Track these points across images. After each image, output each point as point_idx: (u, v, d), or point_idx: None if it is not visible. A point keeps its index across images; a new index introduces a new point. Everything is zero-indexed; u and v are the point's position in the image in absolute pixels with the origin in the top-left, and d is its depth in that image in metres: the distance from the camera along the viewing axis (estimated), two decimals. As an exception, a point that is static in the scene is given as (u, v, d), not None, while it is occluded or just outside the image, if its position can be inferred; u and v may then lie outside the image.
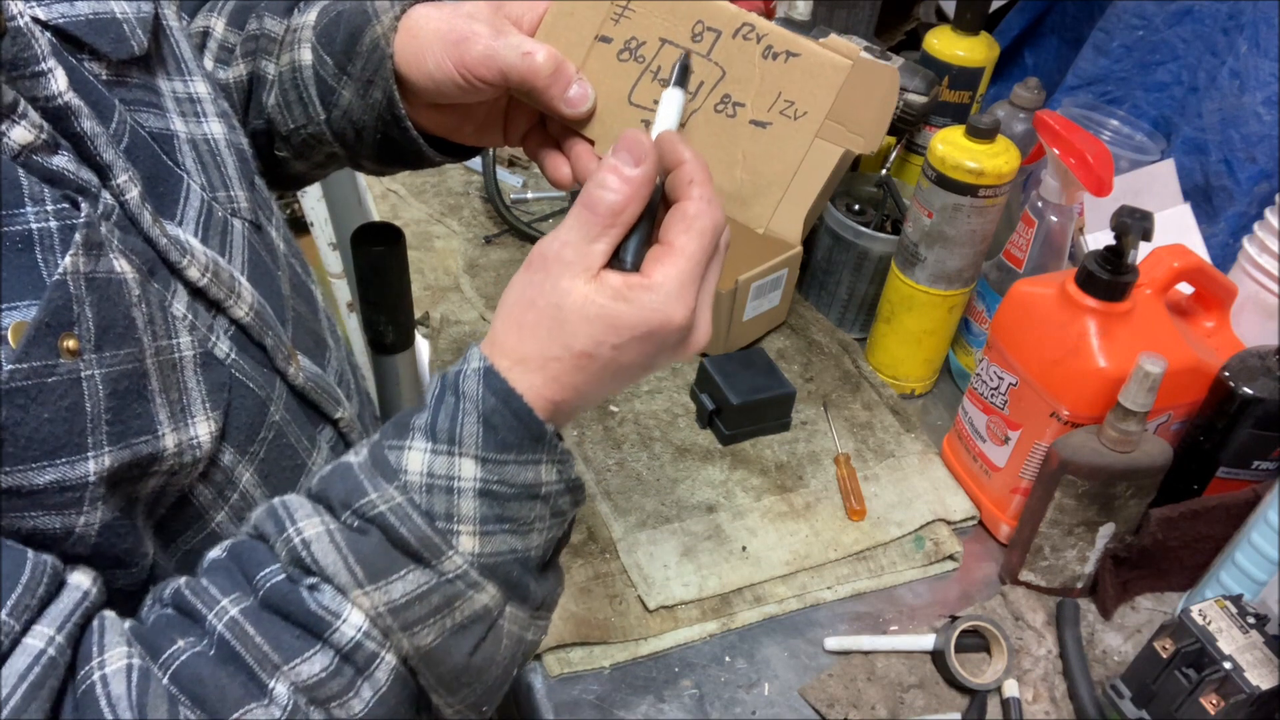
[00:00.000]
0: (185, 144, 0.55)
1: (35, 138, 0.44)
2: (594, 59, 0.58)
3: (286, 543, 0.46)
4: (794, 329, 1.13)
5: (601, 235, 0.49)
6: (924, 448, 0.99)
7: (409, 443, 0.47)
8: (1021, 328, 0.86)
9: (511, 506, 0.48)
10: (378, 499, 0.46)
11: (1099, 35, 1.19)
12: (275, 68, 0.68)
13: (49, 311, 0.42)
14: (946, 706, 0.79)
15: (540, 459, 0.48)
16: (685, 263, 0.48)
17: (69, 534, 0.44)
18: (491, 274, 1.17)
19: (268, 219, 0.63)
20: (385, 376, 0.99)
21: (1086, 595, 0.87)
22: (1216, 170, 1.05)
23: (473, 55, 0.57)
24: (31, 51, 0.45)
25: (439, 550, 0.46)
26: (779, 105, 0.57)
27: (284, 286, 0.61)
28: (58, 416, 0.42)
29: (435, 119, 0.64)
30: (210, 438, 0.50)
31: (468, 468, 0.47)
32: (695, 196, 0.50)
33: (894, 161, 1.19)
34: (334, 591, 0.45)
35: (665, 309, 0.48)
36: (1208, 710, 0.69)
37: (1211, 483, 0.86)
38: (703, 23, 0.57)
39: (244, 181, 0.60)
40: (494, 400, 0.47)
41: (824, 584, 0.87)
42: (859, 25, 1.29)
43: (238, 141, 0.61)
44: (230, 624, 0.44)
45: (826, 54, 0.56)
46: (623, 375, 0.50)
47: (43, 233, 0.42)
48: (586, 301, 0.48)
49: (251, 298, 0.55)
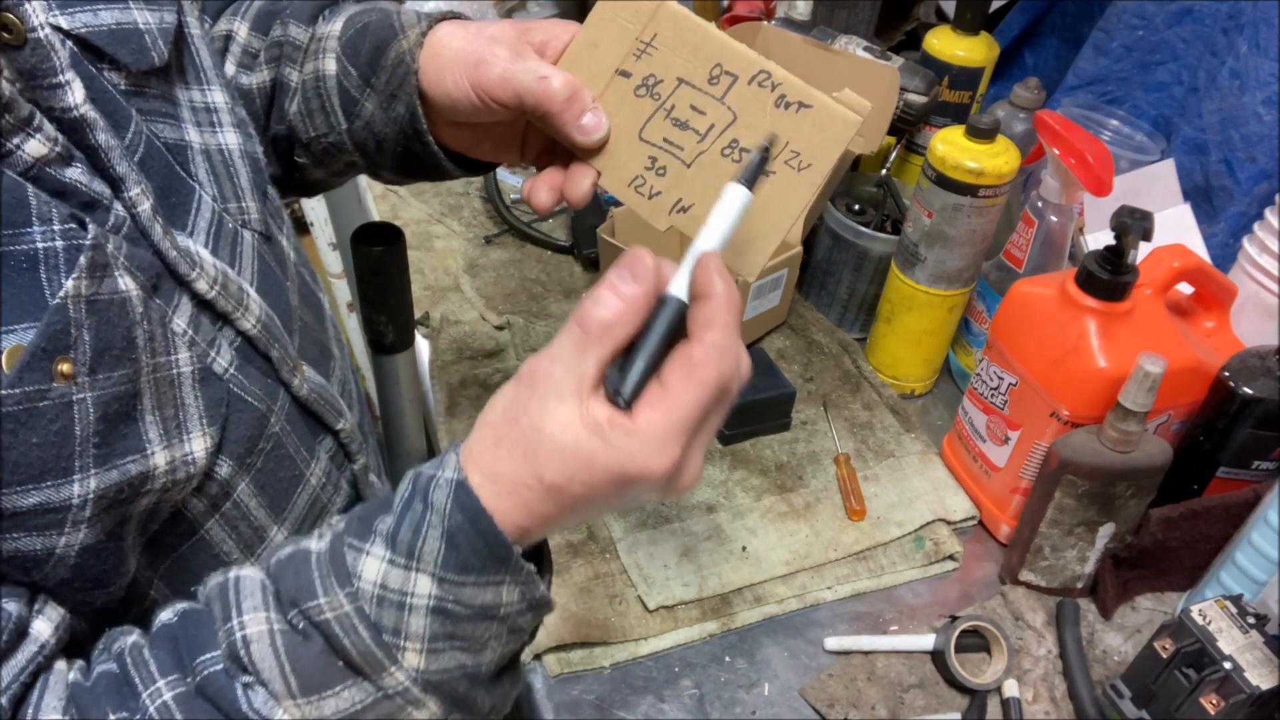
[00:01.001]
0: (199, 155, 0.56)
1: (50, 150, 0.44)
2: (611, 92, 0.59)
3: (229, 634, 0.45)
4: (794, 329, 1.13)
5: (590, 353, 0.45)
6: (924, 448, 0.99)
7: (368, 547, 0.46)
8: (1021, 328, 0.86)
9: (465, 626, 0.46)
10: (325, 605, 0.45)
11: (1099, 35, 1.19)
12: (299, 75, 0.68)
13: (46, 336, 0.41)
14: (946, 706, 0.79)
15: (502, 580, 0.46)
16: (677, 412, 0.44)
17: (49, 555, 0.44)
18: (491, 274, 1.17)
19: (279, 229, 0.63)
20: (385, 376, 0.99)
21: (1086, 595, 0.87)
22: (1216, 170, 1.05)
23: (490, 77, 0.57)
24: (51, 63, 0.45)
25: (381, 665, 0.45)
26: (784, 154, 0.56)
27: (293, 297, 0.62)
28: (46, 440, 0.42)
29: (454, 135, 0.65)
30: (205, 453, 0.50)
31: (423, 584, 0.45)
32: (707, 343, 0.45)
33: (894, 161, 1.19)
34: (267, 695, 0.44)
35: (642, 458, 0.44)
36: (1208, 710, 0.69)
37: (1211, 483, 0.86)
38: (721, 66, 0.57)
39: (256, 192, 0.60)
40: (460, 518, 0.45)
41: (824, 584, 0.87)
42: (859, 25, 1.29)
43: (252, 151, 0.61)
44: (162, 708, 0.44)
45: (838, 108, 0.55)
46: (597, 508, 0.47)
47: (48, 253, 0.42)
48: (564, 430, 0.44)
49: (259, 309, 0.55)
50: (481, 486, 0.45)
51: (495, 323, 1.10)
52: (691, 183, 0.58)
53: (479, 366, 1.05)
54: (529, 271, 1.18)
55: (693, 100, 0.58)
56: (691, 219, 0.58)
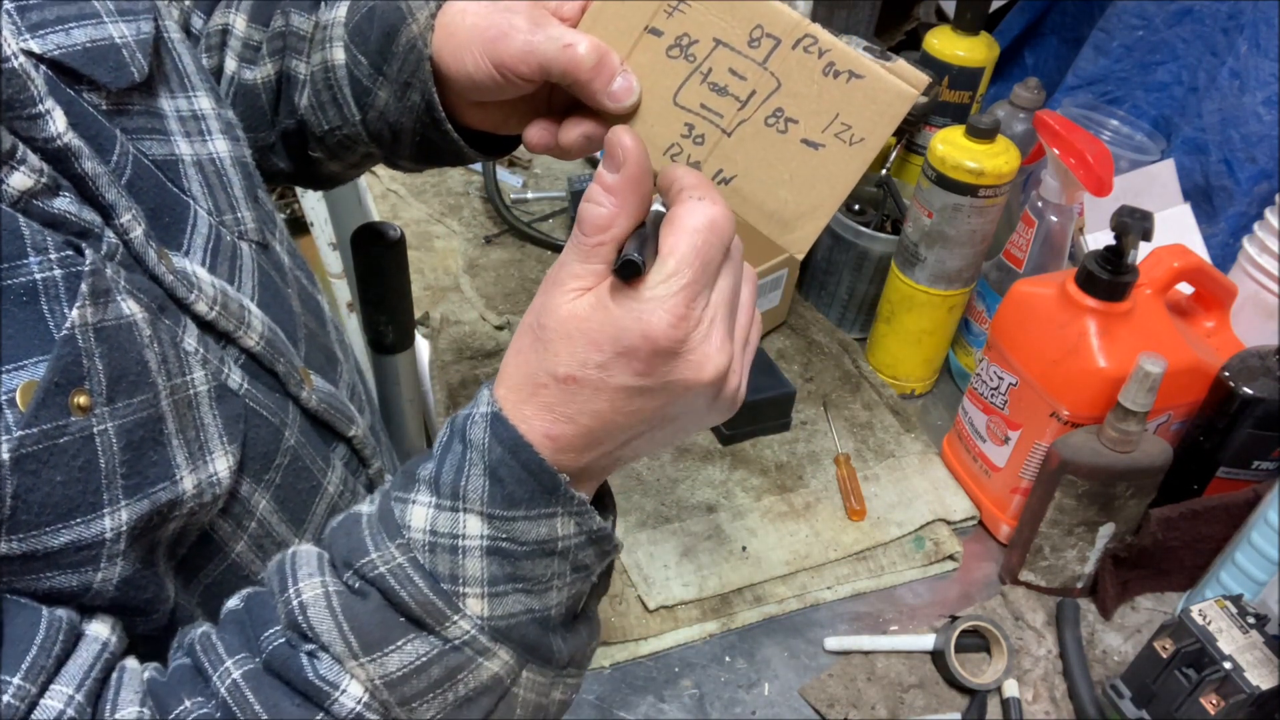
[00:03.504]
0: (191, 167, 0.54)
1: (35, 182, 0.42)
2: (641, 52, 0.55)
3: (286, 604, 0.44)
4: (794, 329, 1.13)
5: (593, 253, 0.44)
6: (924, 448, 0.99)
7: (413, 496, 0.45)
8: (1021, 328, 0.86)
9: (524, 565, 0.44)
10: (378, 559, 0.44)
11: (1099, 35, 1.19)
12: (306, 67, 0.65)
13: (58, 370, 0.40)
14: (946, 706, 0.79)
15: (554, 512, 0.44)
16: (672, 263, 0.43)
17: (86, 590, 0.43)
18: (491, 274, 1.17)
19: (273, 234, 0.61)
20: (385, 376, 0.99)
21: (1086, 595, 0.87)
22: (1216, 170, 1.05)
23: (511, 52, 0.54)
24: (28, 93, 0.43)
25: (442, 615, 0.43)
26: (834, 127, 0.53)
27: (294, 304, 0.60)
28: (71, 478, 0.41)
29: (479, 115, 0.62)
30: (229, 472, 0.49)
31: (473, 525, 0.44)
32: (683, 199, 0.45)
33: (894, 161, 1.19)
34: (332, 660, 0.43)
35: (646, 317, 0.42)
36: (1208, 710, 0.69)
37: (1211, 483, 0.86)
38: (762, 27, 0.53)
39: (249, 199, 0.58)
40: (500, 451, 0.43)
41: (824, 584, 0.87)
42: (859, 25, 1.29)
43: (241, 156, 0.59)
44: (232, 688, 0.43)
45: (892, 80, 0.52)
46: (628, 408, 0.44)
47: (47, 282, 0.41)
48: (569, 316, 0.43)
49: (262, 325, 0.53)
50: (504, 399, 0.44)
51: (495, 323, 1.09)
52: (733, 153, 0.55)
53: (479, 366, 1.05)
54: (529, 271, 1.18)
55: (731, 64, 0.54)
56: (734, 192, 0.55)
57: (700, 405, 0.46)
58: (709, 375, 0.44)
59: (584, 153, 0.57)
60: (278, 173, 0.71)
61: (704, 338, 0.44)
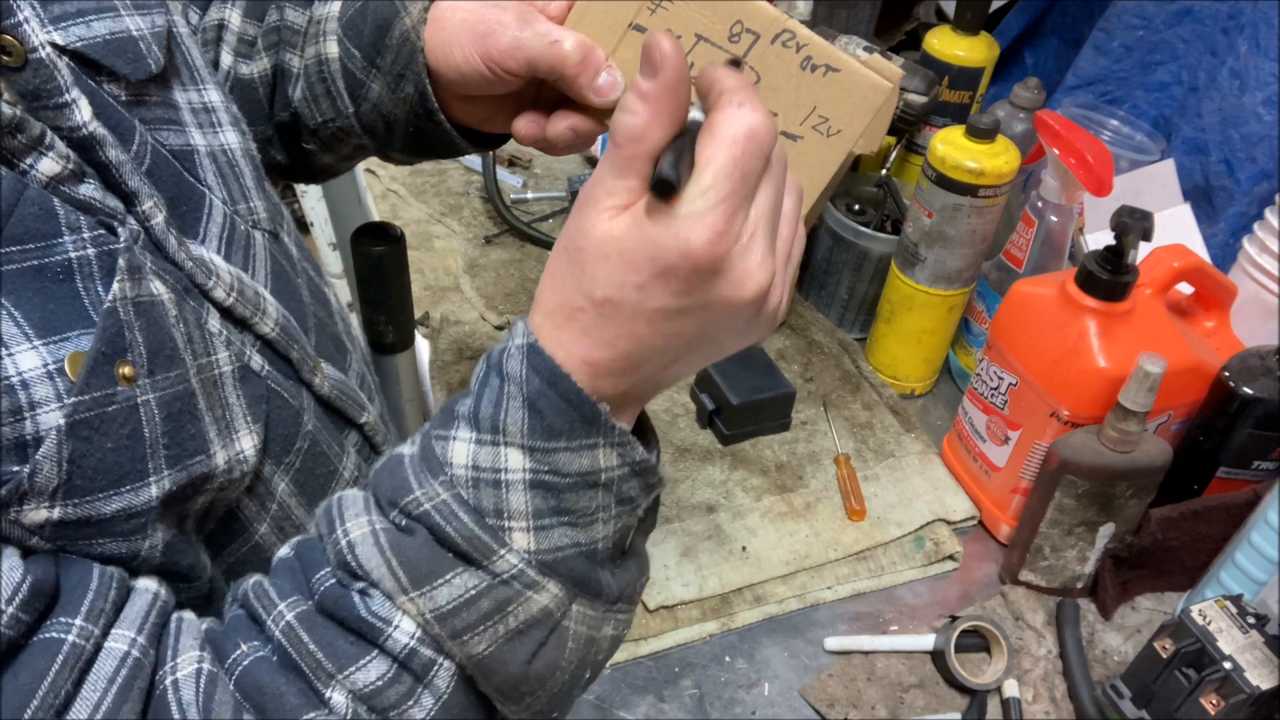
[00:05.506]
0: (205, 158, 0.55)
1: (63, 168, 0.44)
2: (625, 48, 0.57)
3: (334, 545, 0.44)
4: (794, 329, 1.13)
5: (627, 166, 0.42)
6: (924, 448, 0.99)
7: (454, 432, 0.45)
8: (1021, 328, 0.86)
9: (568, 498, 0.44)
10: (422, 496, 0.44)
11: (1099, 35, 1.19)
12: (300, 61, 0.66)
13: (104, 340, 0.41)
14: (946, 706, 0.79)
15: (596, 443, 0.43)
16: (708, 176, 0.40)
17: (135, 556, 0.44)
18: (491, 274, 1.17)
19: (281, 225, 0.63)
20: (385, 376, 0.99)
21: (1086, 595, 0.87)
22: (1216, 170, 1.05)
23: (499, 47, 0.55)
24: (55, 83, 0.44)
25: (489, 549, 0.43)
26: (812, 120, 0.55)
27: (304, 294, 0.61)
28: (120, 445, 0.42)
29: (466, 110, 0.63)
30: (255, 451, 0.50)
31: (515, 458, 0.43)
32: (722, 105, 0.42)
33: (894, 161, 1.19)
34: (383, 597, 0.43)
35: (684, 233, 0.40)
36: (1208, 710, 0.69)
37: (1211, 483, 0.86)
38: (742, 23, 0.55)
39: (259, 190, 0.59)
40: (538, 382, 0.43)
41: (824, 584, 0.87)
42: (859, 25, 1.29)
43: (249, 149, 0.60)
44: (286, 629, 0.44)
45: (867, 74, 0.54)
46: (668, 329, 0.43)
47: (81, 260, 0.42)
48: (606, 238, 0.42)
49: (276, 312, 0.55)
50: (540, 327, 0.44)
51: (495, 323, 1.10)
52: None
53: (479, 366, 1.05)
54: (529, 271, 1.18)
55: (712, 58, 0.56)
56: None
57: (740, 324, 0.45)
58: (750, 293, 0.43)
59: (571, 146, 0.58)
60: (274, 166, 0.72)
61: (744, 253, 0.42)
